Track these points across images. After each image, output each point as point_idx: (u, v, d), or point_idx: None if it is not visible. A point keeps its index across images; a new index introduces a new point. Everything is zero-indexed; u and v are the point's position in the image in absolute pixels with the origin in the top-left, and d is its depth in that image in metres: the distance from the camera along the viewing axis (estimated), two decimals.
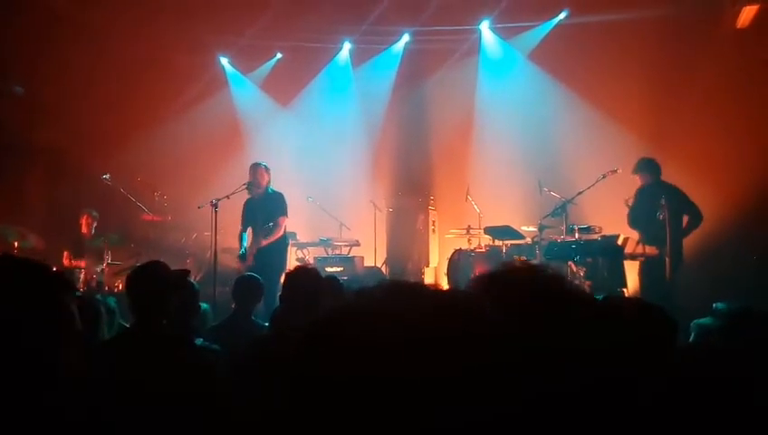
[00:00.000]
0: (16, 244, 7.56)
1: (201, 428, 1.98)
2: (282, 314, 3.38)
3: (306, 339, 0.77)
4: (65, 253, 7.90)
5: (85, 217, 8.07)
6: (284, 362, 0.79)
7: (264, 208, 6.95)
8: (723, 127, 7.75)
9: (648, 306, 2.29)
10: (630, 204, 6.95)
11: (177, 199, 8.99)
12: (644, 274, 6.88)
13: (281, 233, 7.03)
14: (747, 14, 7.82)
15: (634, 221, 6.97)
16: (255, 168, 7.03)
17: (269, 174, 7.05)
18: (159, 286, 2.68)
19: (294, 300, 3.23)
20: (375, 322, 0.74)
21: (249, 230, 7.08)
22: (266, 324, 3.95)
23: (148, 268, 2.81)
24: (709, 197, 7.04)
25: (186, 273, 2.94)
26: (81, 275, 7.69)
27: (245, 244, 7.03)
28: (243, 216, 7.10)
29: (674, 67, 8.08)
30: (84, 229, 8.08)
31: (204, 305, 4.15)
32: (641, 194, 6.91)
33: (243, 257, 6.92)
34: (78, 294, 3.81)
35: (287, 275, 3.55)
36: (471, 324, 0.76)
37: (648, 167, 6.88)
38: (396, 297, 0.78)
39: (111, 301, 3.82)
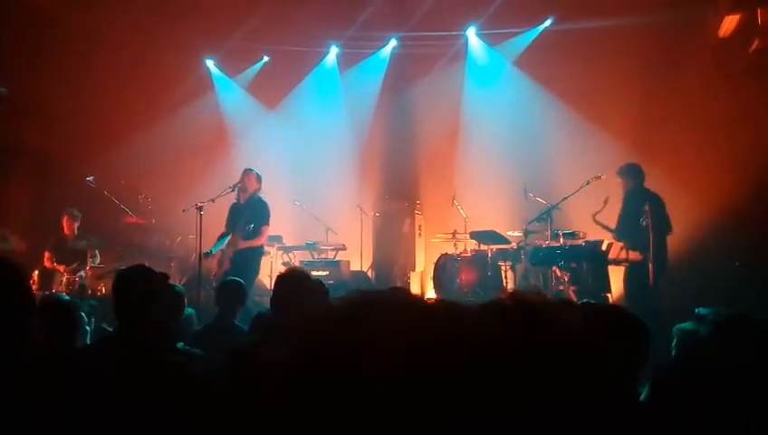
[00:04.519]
0: None
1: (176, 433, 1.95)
2: (274, 317, 3.37)
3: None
4: (47, 254, 7.74)
5: (66, 217, 7.86)
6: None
7: (245, 213, 6.92)
8: (705, 134, 7.83)
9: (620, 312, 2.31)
10: (604, 205, 6.90)
11: (161, 202, 8.91)
12: (628, 279, 6.92)
13: (261, 241, 7.01)
14: (729, 24, 7.90)
15: (619, 231, 6.96)
16: (246, 173, 7.05)
17: (259, 183, 7.07)
18: (146, 290, 2.64)
19: (287, 302, 3.22)
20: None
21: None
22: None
23: (135, 271, 2.77)
24: (691, 203, 7.11)
25: (165, 277, 2.92)
26: (63, 279, 7.59)
27: (221, 246, 6.95)
28: (227, 219, 7.08)
29: (657, 74, 8.16)
30: (66, 230, 7.89)
31: (189, 310, 4.11)
32: (624, 200, 6.94)
33: (207, 255, 6.79)
34: (67, 298, 3.75)
35: (279, 277, 3.55)
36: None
37: (632, 172, 6.92)
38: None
39: (86, 305, 3.77)
